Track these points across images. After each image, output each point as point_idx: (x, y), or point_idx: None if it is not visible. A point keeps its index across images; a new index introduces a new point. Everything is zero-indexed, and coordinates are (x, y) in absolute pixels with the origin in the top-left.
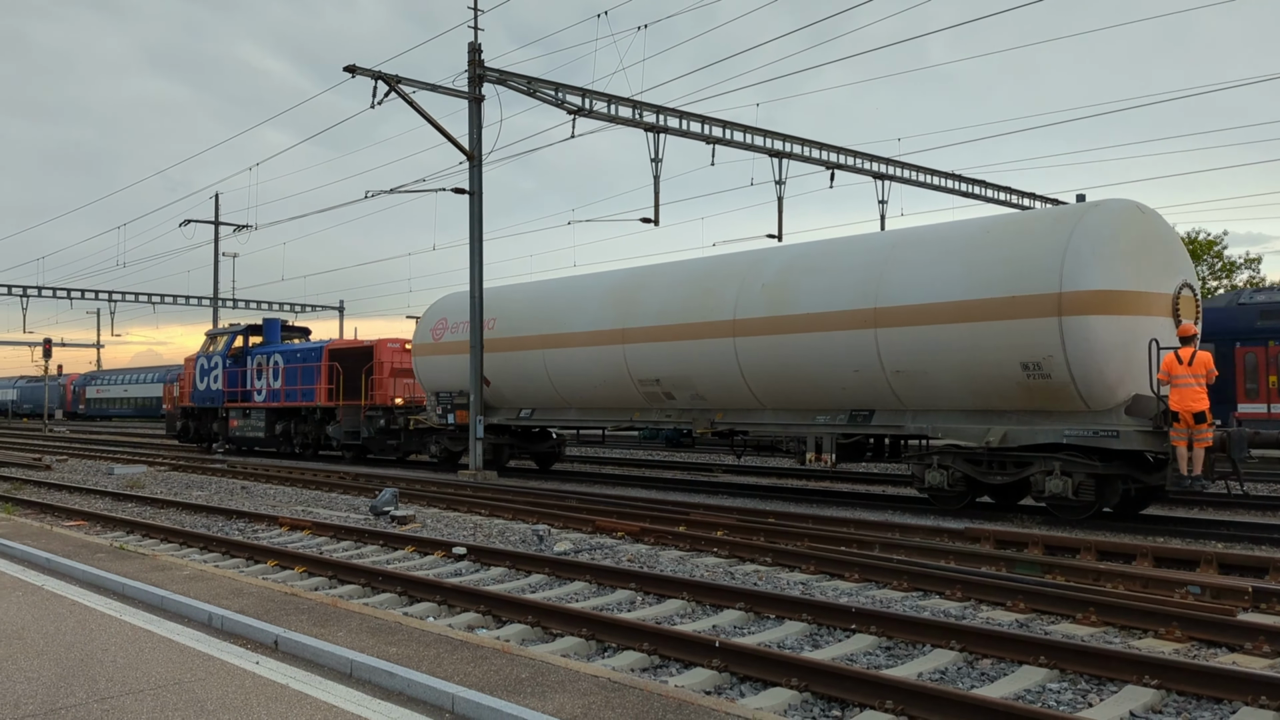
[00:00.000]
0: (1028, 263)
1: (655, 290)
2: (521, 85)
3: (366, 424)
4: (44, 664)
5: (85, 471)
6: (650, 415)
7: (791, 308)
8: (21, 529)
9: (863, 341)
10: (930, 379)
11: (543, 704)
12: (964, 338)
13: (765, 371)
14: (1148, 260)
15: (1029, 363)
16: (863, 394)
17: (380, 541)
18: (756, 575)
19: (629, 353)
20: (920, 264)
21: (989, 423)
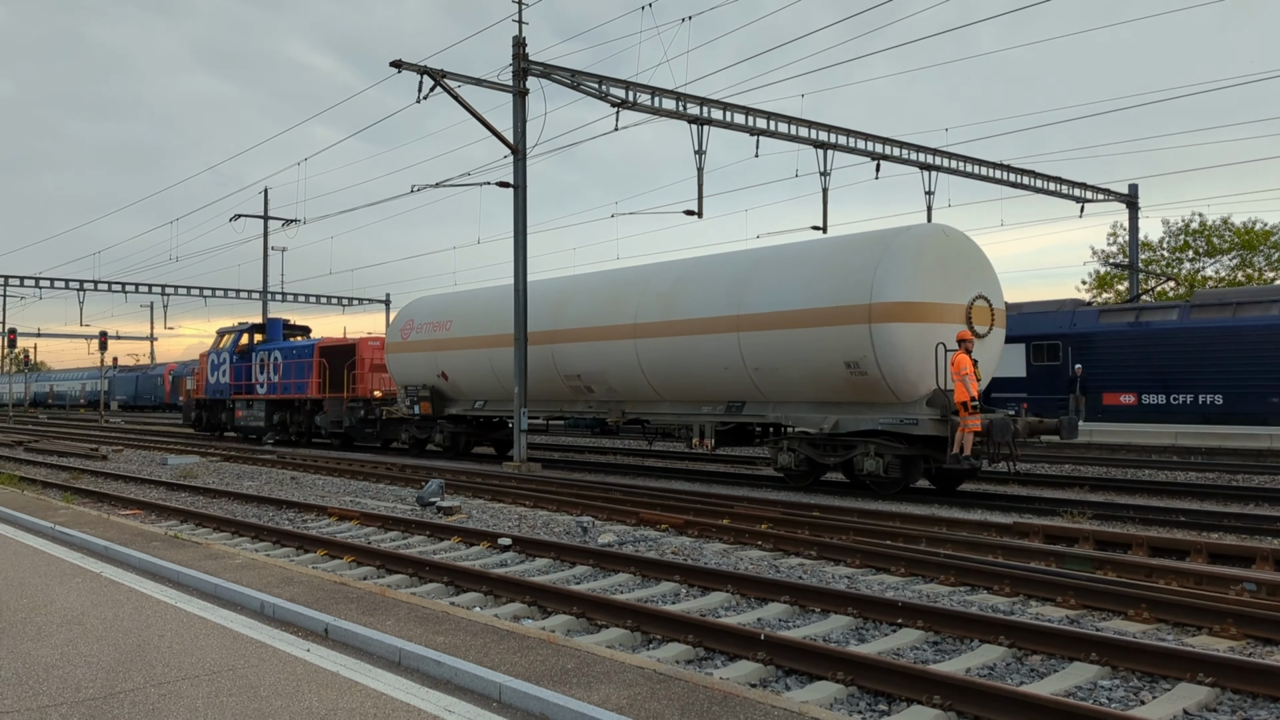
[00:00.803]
0: (849, 278)
1: (579, 298)
2: (565, 79)
3: (349, 414)
4: (103, 649)
5: (140, 462)
6: (575, 406)
7: (679, 314)
8: (80, 517)
9: (730, 343)
10: (781, 375)
11: (589, 694)
12: (804, 341)
13: (660, 368)
14: (945, 276)
15: (850, 362)
16: (734, 388)
17: (427, 532)
18: (801, 569)
19: (556, 352)
20: (773, 278)
21: (826, 412)
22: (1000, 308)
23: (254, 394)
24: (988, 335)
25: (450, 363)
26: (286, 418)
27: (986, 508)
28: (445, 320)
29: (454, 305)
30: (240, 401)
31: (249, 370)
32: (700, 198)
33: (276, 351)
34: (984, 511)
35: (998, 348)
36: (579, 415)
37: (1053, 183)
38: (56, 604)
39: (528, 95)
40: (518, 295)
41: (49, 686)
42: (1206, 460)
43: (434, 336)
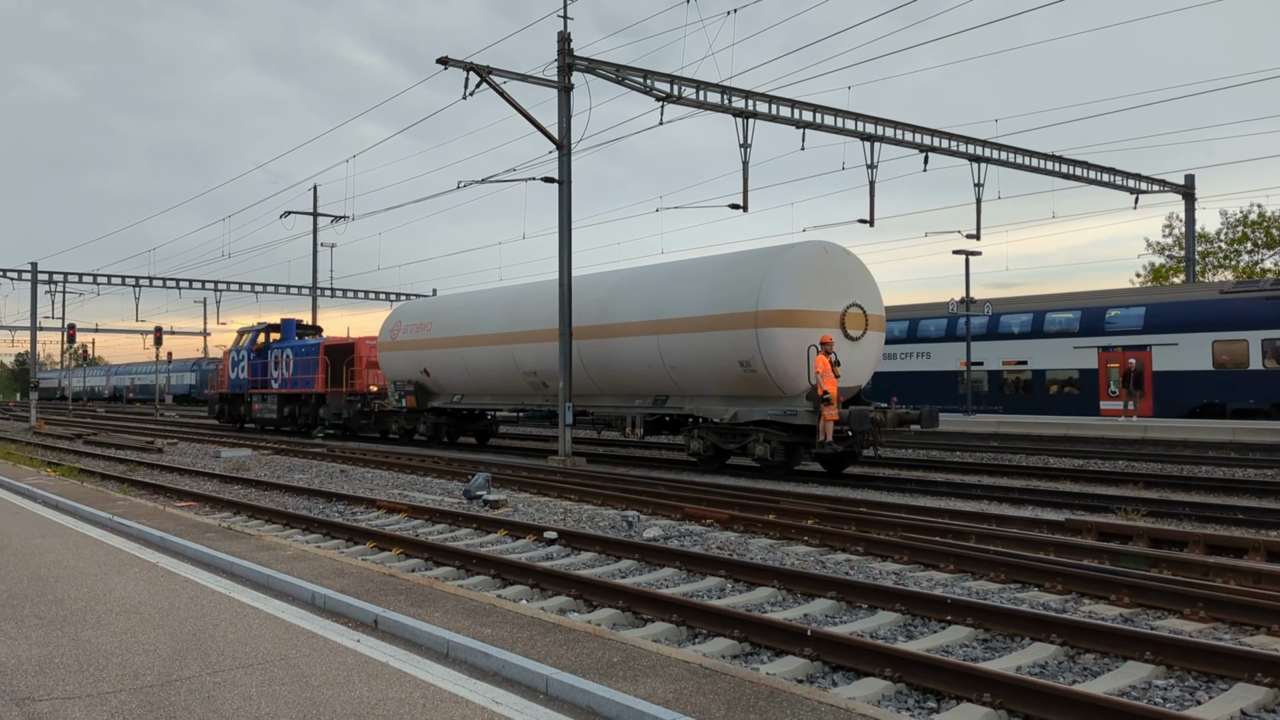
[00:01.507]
0: (740, 288)
1: (533, 304)
2: (610, 73)
3: (347, 407)
4: (160, 637)
5: (194, 454)
6: (534, 400)
7: (612, 318)
8: (137, 508)
9: (652, 345)
10: (691, 373)
11: (635, 688)
12: (706, 343)
13: (598, 366)
14: (822, 288)
15: (743, 361)
16: (657, 384)
17: (474, 525)
18: (848, 564)
19: (516, 351)
20: (684, 289)
21: (727, 405)
22: (876, 314)
23: (269, 388)
24: (862, 338)
25: (431, 360)
26: (295, 410)
27: (1038, 504)
28: (427, 322)
29: (434, 309)
30: (256, 395)
31: (265, 367)
32: (745, 191)
33: (288, 350)
34: (1035, 508)
35: (875, 348)
36: (537, 407)
37: (1106, 174)
38: (115, 593)
39: (572, 90)
40: (562, 290)
41: (109, 673)
42: (1265, 456)
43: (417, 337)
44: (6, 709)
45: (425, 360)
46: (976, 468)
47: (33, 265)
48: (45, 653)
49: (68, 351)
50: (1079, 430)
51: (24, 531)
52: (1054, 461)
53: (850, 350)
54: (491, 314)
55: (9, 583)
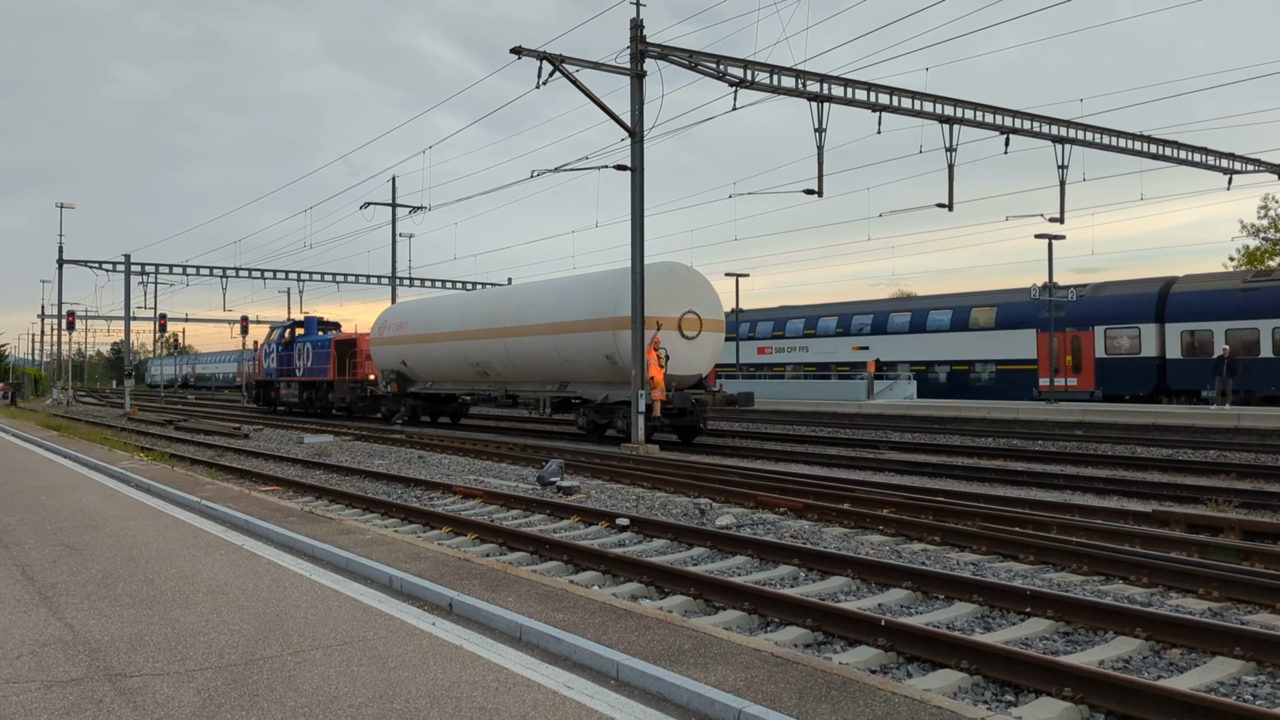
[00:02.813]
0: (605, 299)
1: (477, 307)
2: (683, 59)
3: (350, 392)
4: (244, 617)
5: (278, 440)
6: (480, 386)
7: (527, 321)
8: (224, 492)
9: (552, 342)
10: (577, 364)
11: (705, 675)
12: (585, 340)
13: (519, 359)
14: (662, 298)
15: (607, 355)
16: (559, 373)
17: (547, 511)
18: (924, 554)
19: (464, 346)
20: (573, 298)
21: (603, 389)
22: (713, 318)
23: (293, 376)
24: (697, 337)
25: (407, 354)
26: (311, 395)
27: (1124, 495)
28: (404, 323)
29: (409, 311)
30: (283, 382)
31: (290, 358)
32: (820, 176)
33: (308, 344)
34: (1121, 499)
35: (711, 345)
36: (483, 392)
37: (1197, 153)
38: (202, 574)
39: (645, 78)
40: (635, 278)
41: (196, 651)
42: None
43: (397, 334)
44: (100, 684)
45: (403, 353)
46: (1059, 457)
47: (126, 257)
48: (137, 630)
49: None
50: (1168, 419)
51: (118, 514)
52: (1141, 451)
53: (686, 347)
54: (448, 316)
55: (104, 563)
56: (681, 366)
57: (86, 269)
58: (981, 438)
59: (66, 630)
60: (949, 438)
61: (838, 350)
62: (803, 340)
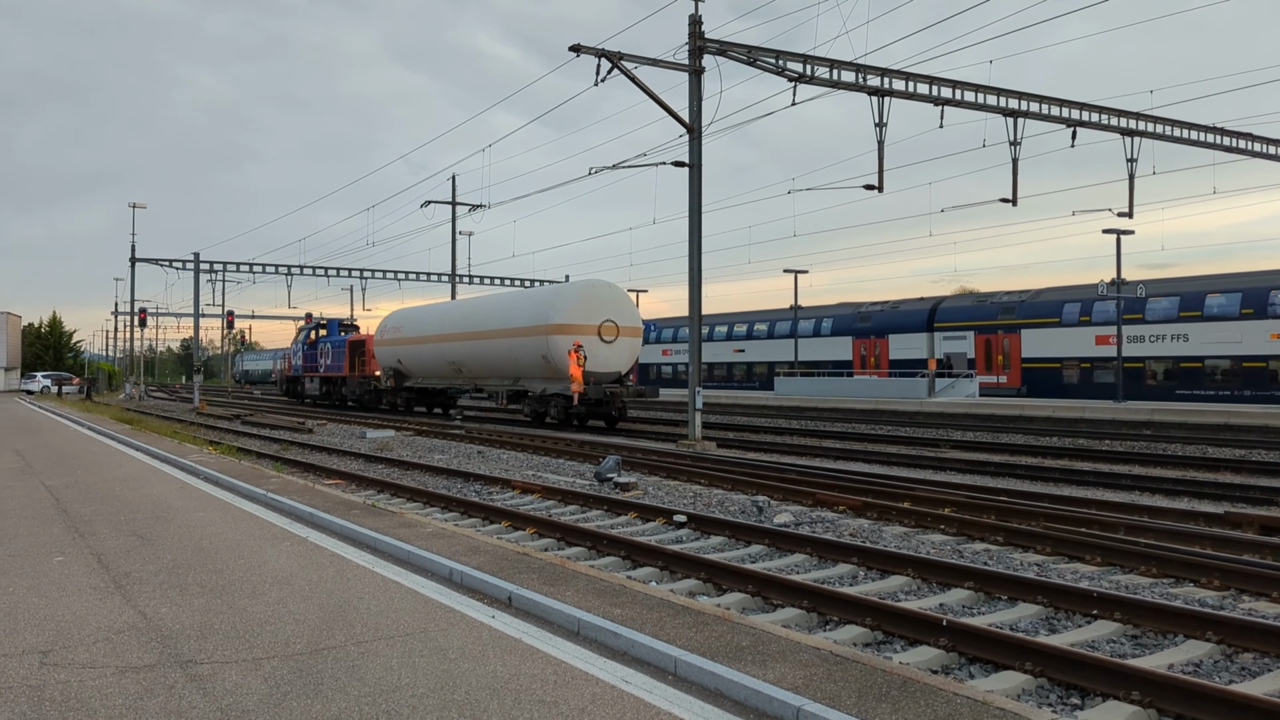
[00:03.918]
0: (540, 309)
1: (454, 315)
2: (742, 55)
3: (359, 386)
4: (309, 608)
5: (341, 435)
6: (456, 381)
7: (487, 326)
8: (289, 485)
9: (504, 344)
10: (523, 362)
11: (764, 672)
12: (525, 343)
13: (482, 358)
14: (585, 309)
15: (543, 355)
16: (512, 370)
17: (604, 507)
18: (986, 554)
19: (444, 347)
20: (519, 308)
21: (542, 384)
22: (629, 325)
23: (316, 372)
24: (615, 341)
25: (402, 353)
26: (331, 388)
27: (1194, 495)
28: (400, 326)
29: (404, 318)
30: (308, 377)
31: (315, 356)
32: (880, 171)
33: (328, 343)
34: (1191, 500)
35: (628, 347)
36: (459, 386)
37: (1273, 145)
38: (269, 565)
39: (703, 74)
40: (692, 274)
41: (263, 640)
42: None
43: (394, 336)
44: (172, 670)
45: (399, 353)
46: (1127, 456)
47: (195, 256)
48: (206, 619)
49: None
50: (1240, 419)
51: (188, 505)
52: (1213, 451)
53: (605, 349)
54: (432, 322)
55: (175, 553)
56: (601, 364)
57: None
58: (1046, 436)
59: (140, 618)
60: (1011, 436)
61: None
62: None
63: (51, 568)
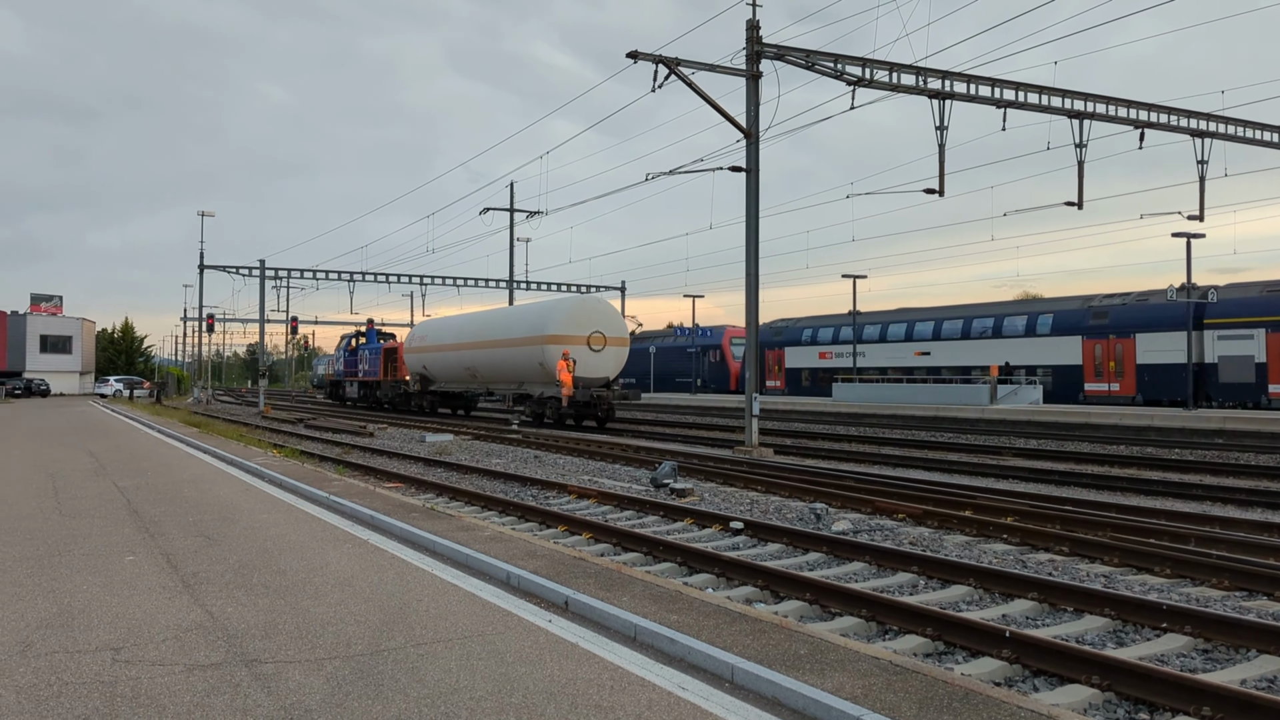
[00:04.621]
0: (537, 321)
1: (470, 326)
2: (800, 59)
3: (392, 389)
4: (369, 609)
5: (401, 439)
6: (472, 385)
7: (495, 336)
8: (350, 488)
9: (509, 352)
10: (525, 368)
11: (822, 681)
12: (526, 351)
13: (493, 365)
14: (575, 321)
15: (540, 363)
16: (516, 375)
17: (660, 512)
18: (1051, 565)
19: (461, 355)
20: (520, 320)
21: (540, 388)
22: (616, 335)
23: (355, 376)
24: (603, 350)
25: (427, 360)
26: (368, 392)
27: (1269, 507)
28: (425, 336)
29: (430, 327)
30: (348, 381)
31: (355, 362)
32: (941, 175)
33: (367, 350)
34: (1265, 511)
35: (615, 356)
36: (474, 390)
37: None
38: (330, 567)
39: (760, 78)
40: (749, 279)
41: (325, 641)
42: None
43: (421, 345)
44: (237, 669)
45: (424, 360)
46: (1198, 466)
47: (260, 263)
48: (270, 619)
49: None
50: None
51: (253, 507)
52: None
53: (594, 357)
54: (451, 332)
55: (240, 554)
56: (590, 371)
57: (224, 274)
58: (1113, 445)
59: (206, 617)
60: (1076, 444)
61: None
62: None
63: (123, 567)
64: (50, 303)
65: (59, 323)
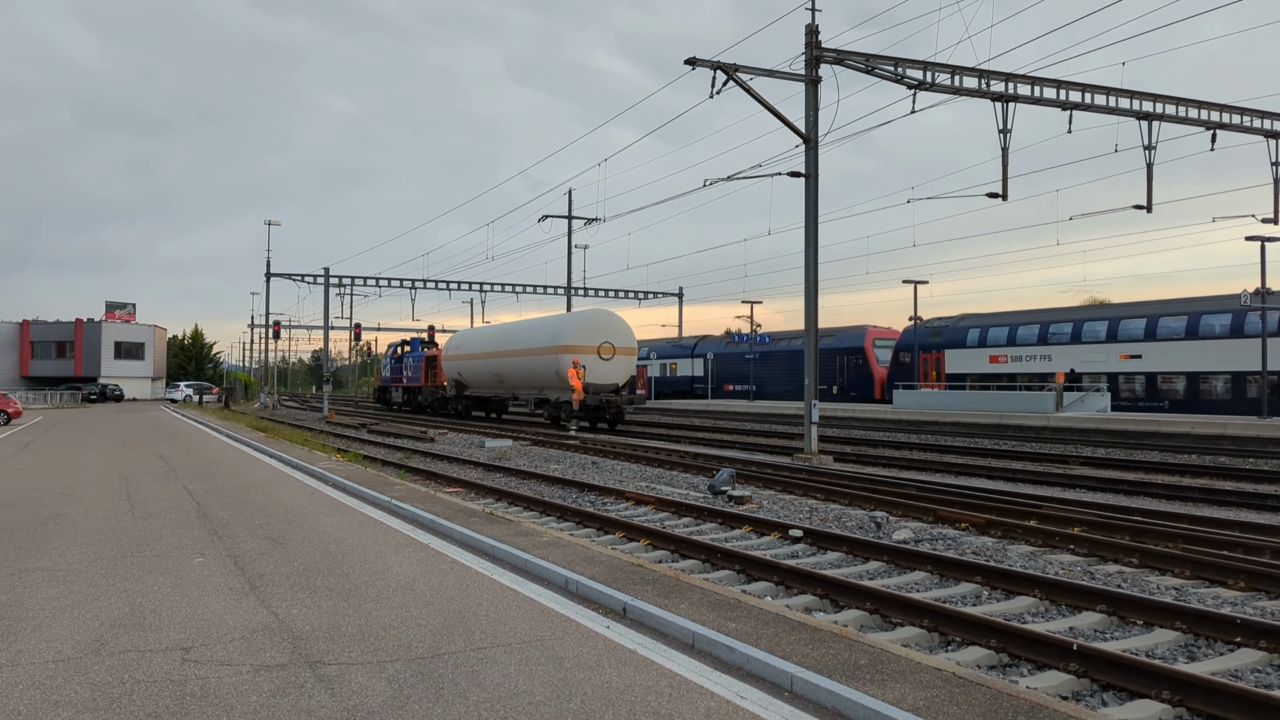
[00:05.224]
0: (554, 333)
1: (498, 336)
2: (860, 63)
3: (430, 394)
4: (430, 613)
5: (461, 444)
6: (501, 390)
7: (518, 345)
8: (412, 493)
9: (530, 360)
10: (543, 375)
11: (882, 692)
12: (544, 360)
13: (516, 371)
14: (587, 333)
15: (556, 370)
16: (537, 381)
17: (718, 520)
18: (1120, 577)
19: (490, 363)
20: (540, 332)
21: (557, 393)
22: (625, 345)
23: (400, 382)
24: (612, 359)
25: (461, 367)
26: (411, 396)
27: None
28: (460, 345)
29: (464, 337)
30: (394, 387)
31: (400, 369)
32: (1005, 179)
33: (410, 358)
34: None
35: (624, 364)
36: (501, 395)
37: None
38: (392, 570)
39: (820, 83)
40: (808, 285)
41: (386, 643)
42: None
43: (456, 353)
44: (302, 670)
45: (459, 367)
46: (1273, 476)
47: (325, 271)
48: (334, 621)
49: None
50: None
51: (316, 510)
52: None
53: (603, 365)
54: (482, 341)
55: (304, 557)
56: (600, 378)
57: (290, 281)
58: (1184, 454)
59: (272, 618)
60: (1146, 453)
61: None
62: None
63: (193, 568)
64: (124, 310)
65: (132, 329)
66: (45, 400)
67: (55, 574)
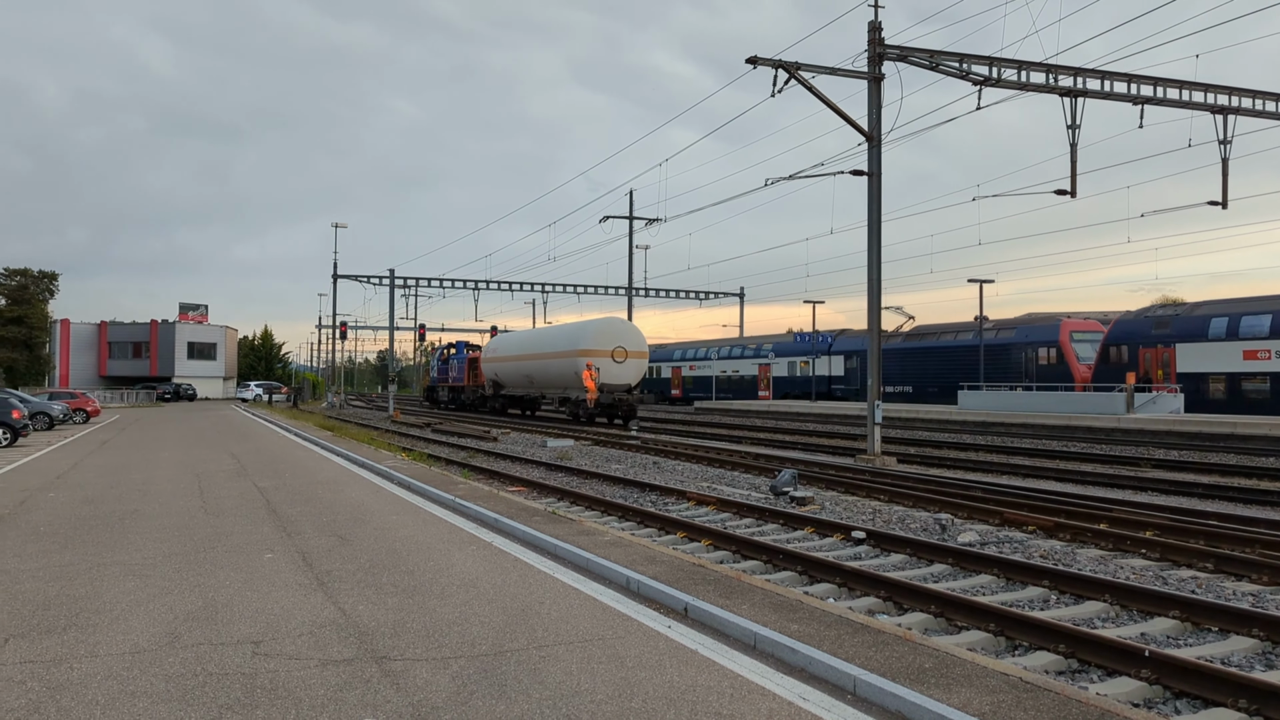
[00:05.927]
0: (574, 338)
1: (529, 340)
2: (923, 60)
3: (472, 394)
4: (493, 611)
5: (524, 444)
6: (531, 390)
7: (544, 349)
8: (475, 492)
9: (555, 363)
10: (566, 376)
11: (948, 696)
12: (567, 362)
13: (543, 373)
14: (603, 338)
15: (575, 371)
16: (562, 381)
17: (780, 521)
18: (1194, 582)
19: (521, 365)
20: (563, 337)
21: (578, 392)
22: (636, 349)
23: (446, 382)
24: (624, 362)
25: (498, 368)
26: (455, 395)
27: None
28: (496, 348)
29: (501, 340)
30: (441, 387)
31: (446, 370)
32: (1073, 176)
33: (455, 360)
34: None
35: (636, 367)
36: (532, 394)
37: None
38: (456, 568)
39: (883, 80)
40: (871, 284)
41: (450, 640)
42: None
43: (494, 355)
44: (367, 665)
45: (496, 368)
46: None
47: (390, 272)
48: (399, 618)
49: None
50: None
51: (382, 508)
52: None
53: (617, 367)
54: (515, 345)
55: (370, 554)
56: (613, 379)
57: (356, 283)
58: (1262, 457)
59: (339, 614)
60: (1222, 456)
61: None
62: None
63: (262, 564)
64: (197, 311)
65: (205, 330)
66: (121, 399)
67: (132, 568)
